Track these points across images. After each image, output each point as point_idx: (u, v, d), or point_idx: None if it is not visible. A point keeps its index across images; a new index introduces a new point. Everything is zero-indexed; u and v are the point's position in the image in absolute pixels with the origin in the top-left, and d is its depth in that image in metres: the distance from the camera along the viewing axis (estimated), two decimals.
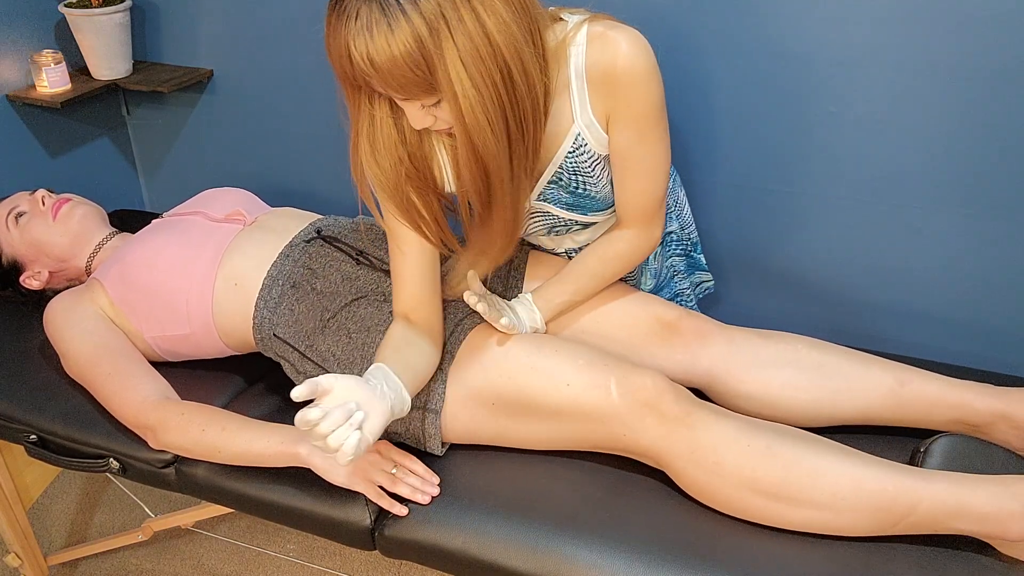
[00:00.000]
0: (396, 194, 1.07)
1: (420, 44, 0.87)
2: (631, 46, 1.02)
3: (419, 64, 0.88)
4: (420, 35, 0.87)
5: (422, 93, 0.92)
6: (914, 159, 1.35)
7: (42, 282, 1.48)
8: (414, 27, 0.86)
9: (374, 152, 1.04)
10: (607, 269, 1.23)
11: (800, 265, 1.52)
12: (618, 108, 1.06)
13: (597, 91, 1.05)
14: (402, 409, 1.00)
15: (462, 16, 0.88)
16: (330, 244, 1.33)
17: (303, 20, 1.66)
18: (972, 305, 1.43)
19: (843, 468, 1.01)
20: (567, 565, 1.04)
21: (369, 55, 0.88)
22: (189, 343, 1.34)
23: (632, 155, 1.10)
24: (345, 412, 0.88)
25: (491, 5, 0.90)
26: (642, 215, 1.17)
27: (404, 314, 1.15)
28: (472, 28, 0.88)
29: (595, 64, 1.04)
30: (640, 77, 1.03)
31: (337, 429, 0.87)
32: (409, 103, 0.96)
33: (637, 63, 1.02)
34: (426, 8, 0.86)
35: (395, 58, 0.87)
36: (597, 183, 1.15)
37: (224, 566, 1.69)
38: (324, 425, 0.86)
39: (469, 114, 0.92)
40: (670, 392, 1.07)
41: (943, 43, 1.24)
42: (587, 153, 1.11)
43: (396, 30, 0.86)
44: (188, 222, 1.41)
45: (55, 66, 1.65)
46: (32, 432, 1.31)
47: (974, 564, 1.01)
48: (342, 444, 0.87)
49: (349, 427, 0.88)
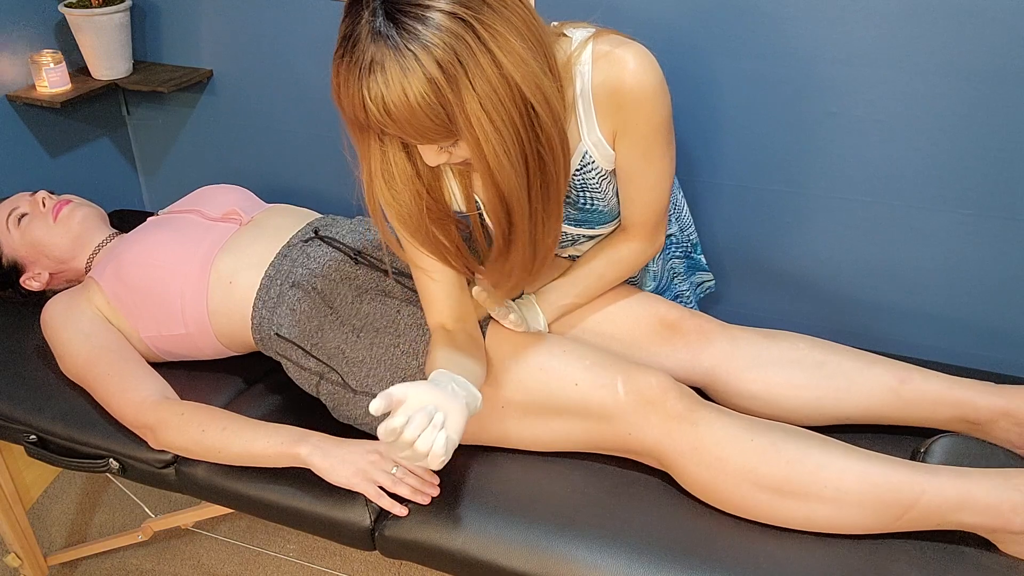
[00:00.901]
0: (420, 228, 1.04)
1: (438, 92, 0.84)
2: (638, 64, 1.00)
3: (438, 113, 0.85)
4: (437, 83, 0.83)
5: (440, 138, 0.89)
6: (914, 159, 1.35)
7: (42, 283, 1.48)
8: (431, 75, 0.83)
9: (391, 190, 1.00)
10: (611, 273, 1.23)
11: (801, 265, 1.52)
12: (626, 126, 1.05)
13: (604, 110, 1.04)
14: (475, 406, 0.99)
15: (479, 60, 0.84)
16: (328, 244, 1.33)
17: (303, 20, 1.66)
18: (972, 305, 1.43)
19: (846, 464, 1.01)
20: (567, 565, 1.04)
21: (385, 105, 0.84)
22: (186, 343, 1.34)
23: (638, 170, 1.10)
24: (426, 415, 0.88)
25: (506, 43, 0.86)
26: (647, 224, 1.17)
27: (440, 324, 1.13)
28: (490, 71, 0.85)
29: (602, 84, 1.02)
30: (648, 96, 1.01)
31: (422, 433, 0.86)
32: (426, 146, 0.93)
33: (644, 82, 1.00)
34: (441, 55, 0.82)
35: (413, 108, 0.84)
36: (604, 197, 1.14)
37: (224, 566, 1.68)
38: (409, 432, 0.86)
39: (492, 158, 0.89)
40: (674, 390, 1.08)
41: (943, 43, 1.24)
42: (595, 170, 1.10)
43: (412, 79, 0.83)
44: (183, 220, 1.41)
45: (55, 66, 1.65)
46: (32, 432, 1.31)
47: (975, 564, 1.01)
48: (431, 447, 0.86)
49: (433, 429, 0.87)
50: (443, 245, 1.07)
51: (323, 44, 1.67)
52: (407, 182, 1.00)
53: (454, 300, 1.13)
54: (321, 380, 1.23)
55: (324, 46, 1.67)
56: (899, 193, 1.38)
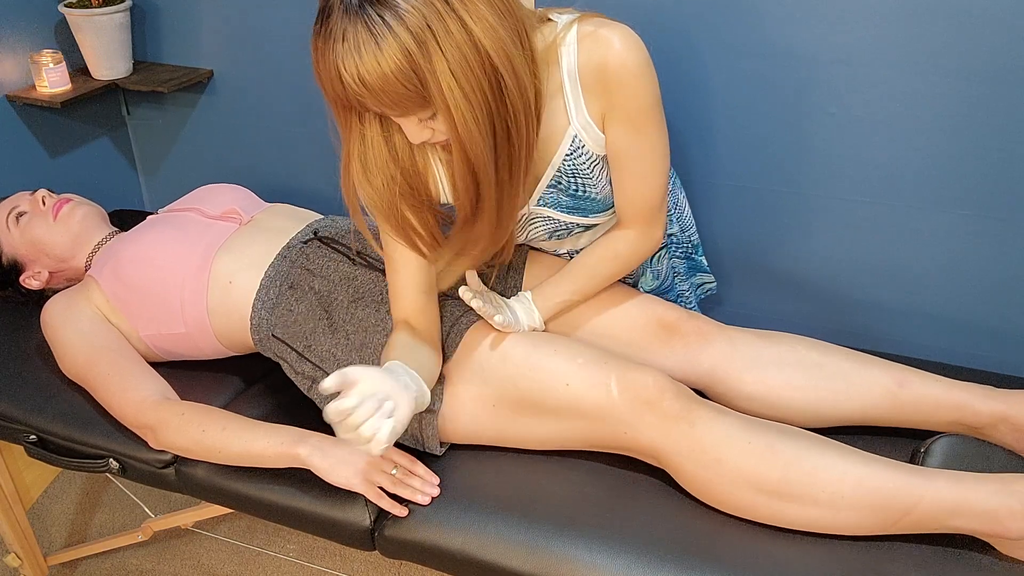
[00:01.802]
0: (390, 213, 1.06)
1: (410, 59, 0.86)
2: (623, 43, 1.00)
3: (411, 79, 0.87)
4: (409, 50, 0.85)
5: (416, 107, 0.91)
6: (914, 159, 1.35)
7: (42, 282, 1.48)
8: (402, 42, 0.85)
9: (366, 172, 1.03)
10: (607, 269, 1.22)
11: (801, 265, 1.52)
12: (613, 106, 1.05)
13: (591, 91, 1.05)
14: (423, 402, 1.01)
15: (448, 26, 0.86)
16: (327, 245, 1.33)
17: (303, 20, 1.66)
18: (972, 305, 1.43)
19: (844, 466, 1.01)
20: (567, 565, 1.03)
21: (360, 75, 0.86)
22: (185, 342, 1.34)
23: (629, 154, 1.09)
24: (376, 401, 0.89)
25: (476, 11, 0.88)
26: (642, 215, 1.16)
27: (404, 319, 1.15)
28: (460, 37, 0.87)
29: (587, 63, 1.02)
30: (633, 74, 1.02)
31: (369, 419, 0.87)
32: (405, 119, 0.95)
33: (629, 59, 1.01)
34: (412, 22, 0.85)
35: (386, 76, 0.86)
36: (596, 184, 1.14)
37: (224, 566, 1.69)
38: (357, 415, 0.87)
39: (462, 124, 0.91)
40: (671, 390, 1.07)
41: (943, 43, 1.24)
42: (585, 155, 1.10)
43: (384, 47, 0.85)
44: (182, 218, 1.41)
45: (55, 66, 1.65)
46: (32, 432, 1.31)
47: (974, 564, 1.01)
48: (375, 433, 0.87)
49: (381, 416, 0.88)
50: (414, 230, 1.08)
51: None
52: (382, 165, 1.03)
53: (419, 291, 1.14)
54: (313, 384, 1.23)
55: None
56: (899, 193, 1.38)
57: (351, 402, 0.87)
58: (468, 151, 0.94)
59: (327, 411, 0.88)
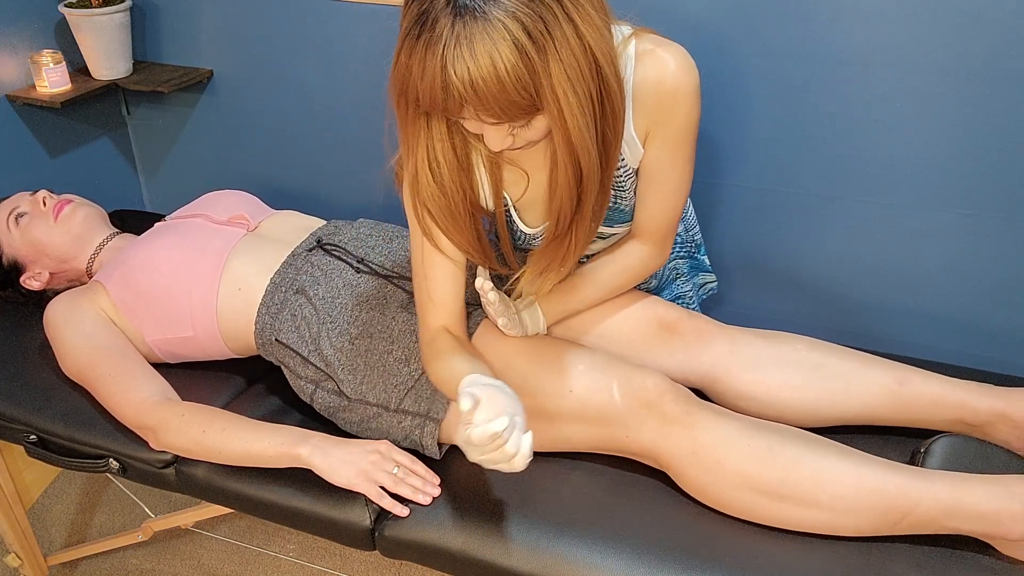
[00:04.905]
0: (457, 220, 1.03)
1: (527, 61, 0.81)
2: (679, 65, 1.01)
3: (526, 84, 0.82)
4: (527, 51, 0.80)
5: (521, 114, 0.85)
6: (914, 159, 1.35)
7: (42, 283, 1.48)
8: (520, 43, 0.80)
9: (437, 181, 1.00)
10: (615, 282, 1.23)
11: (801, 265, 1.52)
12: (658, 124, 1.05)
13: (642, 106, 1.04)
14: None
15: (564, 30, 0.82)
16: (330, 254, 1.33)
17: (303, 20, 1.66)
18: (972, 305, 1.43)
19: (844, 468, 1.01)
20: (567, 565, 1.04)
21: (471, 79, 0.80)
22: (191, 345, 1.34)
23: (663, 169, 1.09)
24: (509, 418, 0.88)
25: (587, 14, 0.84)
26: (659, 231, 1.17)
27: (443, 327, 1.13)
28: (573, 42, 0.83)
29: (643, 81, 1.02)
30: (684, 96, 1.02)
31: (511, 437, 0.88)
32: (498, 126, 0.89)
33: (684, 82, 1.01)
34: (529, 23, 0.79)
35: (501, 79, 0.80)
36: (627, 195, 1.14)
37: (224, 566, 1.69)
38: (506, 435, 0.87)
39: (575, 131, 0.87)
40: (671, 392, 1.07)
41: (943, 43, 1.25)
42: (624, 168, 1.10)
43: (502, 48, 0.79)
44: (190, 224, 1.41)
45: (55, 66, 1.65)
46: (32, 432, 1.31)
47: (974, 564, 1.01)
48: (519, 448, 0.88)
49: (519, 432, 0.89)
50: (479, 234, 1.07)
51: (323, 44, 1.67)
52: (454, 173, 1.00)
53: (459, 304, 1.14)
54: (317, 388, 1.23)
55: (324, 46, 1.67)
56: (899, 193, 1.38)
57: (501, 424, 0.85)
58: (580, 157, 0.91)
59: (471, 436, 0.87)
